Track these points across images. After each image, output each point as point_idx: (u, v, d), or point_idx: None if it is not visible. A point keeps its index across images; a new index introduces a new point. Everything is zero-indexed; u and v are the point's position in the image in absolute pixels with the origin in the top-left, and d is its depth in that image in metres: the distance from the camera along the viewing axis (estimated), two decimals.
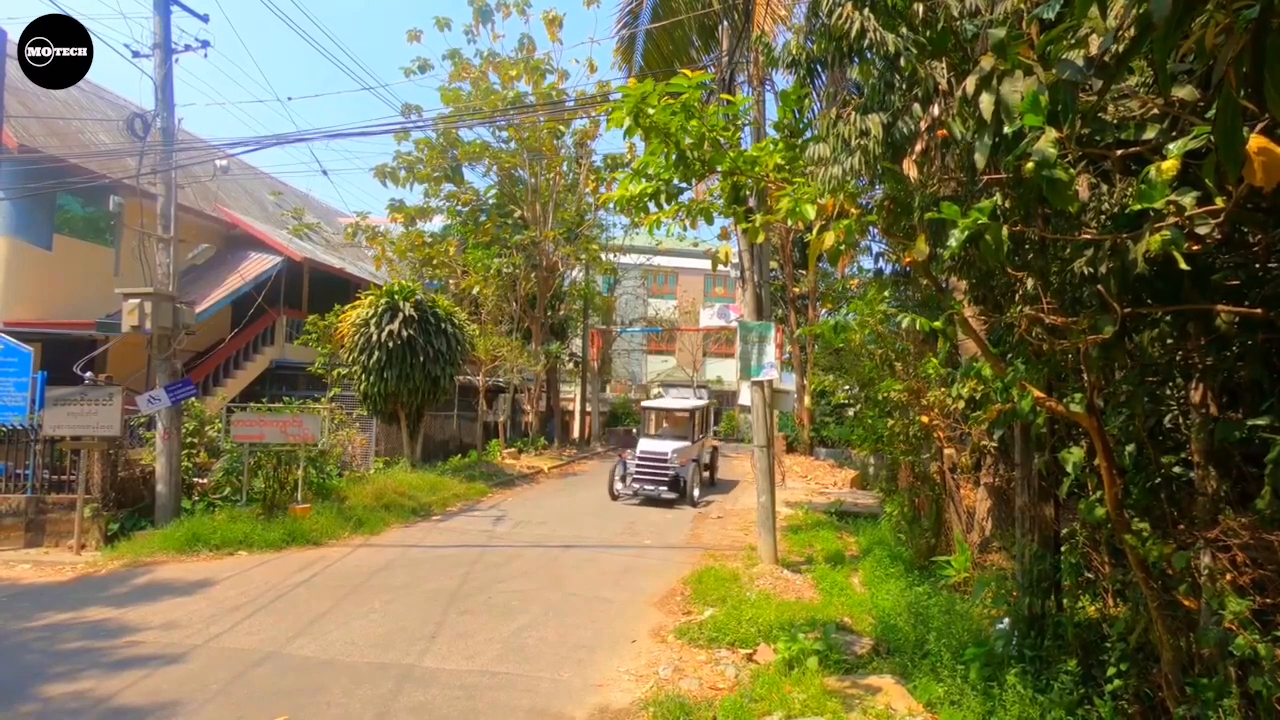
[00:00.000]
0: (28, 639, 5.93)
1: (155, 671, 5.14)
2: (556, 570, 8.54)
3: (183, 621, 6.33)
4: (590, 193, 24.00)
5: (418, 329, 14.48)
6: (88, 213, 15.21)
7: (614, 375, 34.45)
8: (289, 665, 5.38)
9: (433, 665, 5.38)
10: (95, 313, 14.35)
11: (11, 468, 10.16)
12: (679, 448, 13.84)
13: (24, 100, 13.59)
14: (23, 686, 4.88)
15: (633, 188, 4.58)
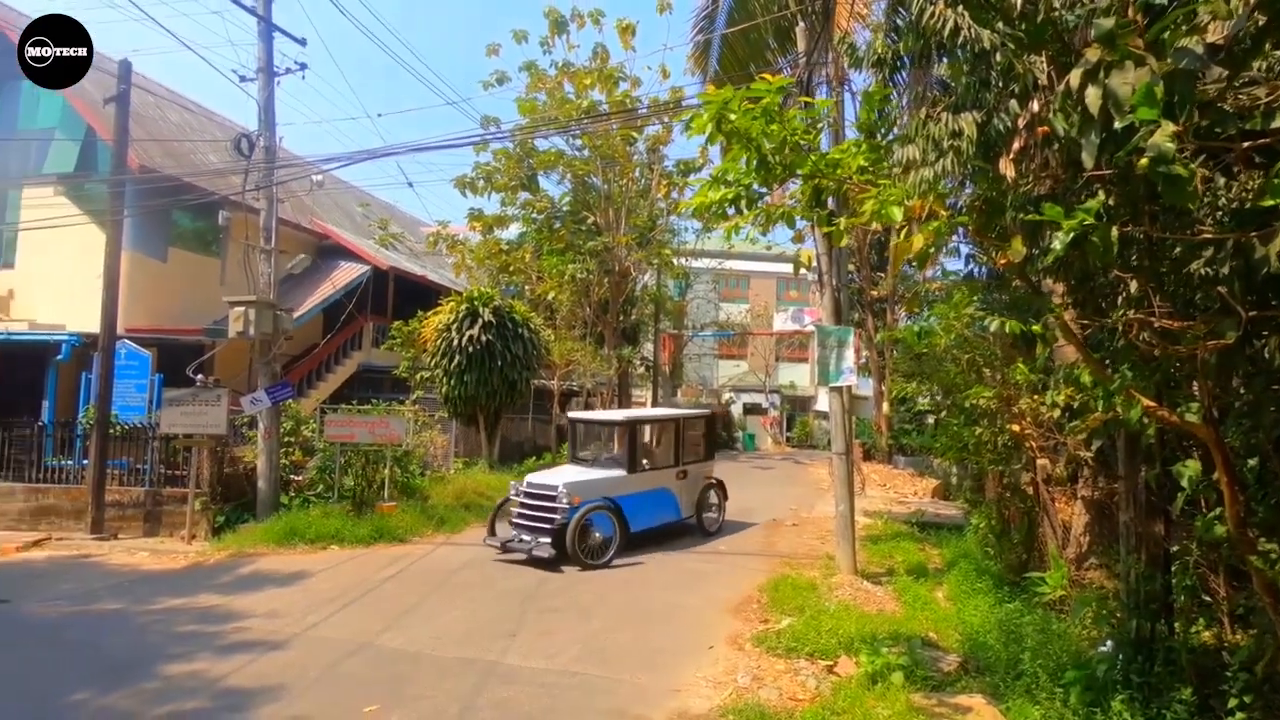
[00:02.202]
0: (149, 621, 6.44)
1: (260, 657, 5.48)
2: (630, 573, 8.59)
3: (283, 611, 6.72)
4: (662, 198, 24.09)
5: (496, 334, 14.89)
6: (197, 226, 16.38)
7: (685, 379, 34.42)
8: (379, 656, 5.63)
9: (514, 663, 5.51)
10: (203, 319, 15.42)
11: (132, 463, 11.06)
12: (592, 480, 9.33)
13: (144, 124, 14.77)
14: (146, 665, 5.30)
15: (712, 194, 4.57)
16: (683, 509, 10.43)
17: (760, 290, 36.48)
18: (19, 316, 14.20)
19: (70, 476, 10.92)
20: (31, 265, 14.69)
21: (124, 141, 11.24)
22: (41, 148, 15.08)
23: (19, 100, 15.53)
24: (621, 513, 9.26)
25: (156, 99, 16.59)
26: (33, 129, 15.30)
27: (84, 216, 13.77)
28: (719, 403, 34.56)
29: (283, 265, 12.79)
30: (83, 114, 14.46)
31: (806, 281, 33.79)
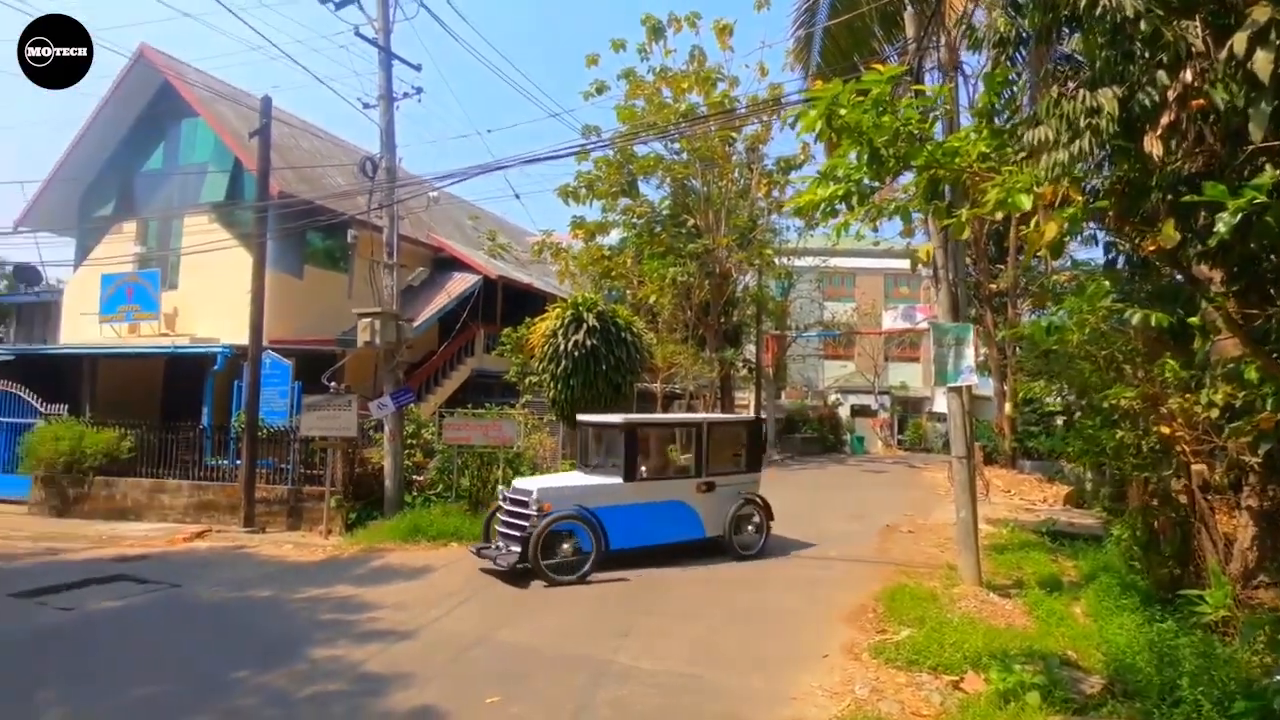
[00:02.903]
0: (295, 608, 7.02)
1: (391, 645, 5.84)
2: (739, 575, 8.52)
3: (409, 603, 7.14)
4: (762, 197, 23.77)
5: (600, 338, 15.15)
6: (327, 245, 17.75)
7: (789, 381, 33.72)
8: (498, 650, 5.86)
9: (626, 662, 5.58)
10: (334, 330, 16.67)
11: (276, 463, 12.12)
12: (572, 487, 8.78)
13: (282, 153, 16.17)
14: (295, 647, 5.78)
15: (820, 191, 4.46)
16: (706, 526, 9.22)
17: (867, 288, 35.21)
18: (182, 331, 15.89)
19: (226, 475, 12.11)
20: (192, 285, 16.42)
21: (266, 171, 12.35)
22: (198, 180, 16.82)
23: (180, 139, 17.42)
24: (599, 525, 8.34)
25: (291, 129, 18.11)
26: (191, 164, 17.11)
27: (233, 240, 15.24)
28: (825, 404, 33.65)
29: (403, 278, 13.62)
30: (231, 147, 16.01)
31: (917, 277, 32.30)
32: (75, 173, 17.67)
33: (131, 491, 12.19)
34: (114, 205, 17.72)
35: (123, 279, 16.59)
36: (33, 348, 18.24)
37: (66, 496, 12.36)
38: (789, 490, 17.70)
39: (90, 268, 17.47)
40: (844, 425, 32.78)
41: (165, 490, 12.11)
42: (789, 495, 16.64)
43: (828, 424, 31.67)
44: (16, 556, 9.42)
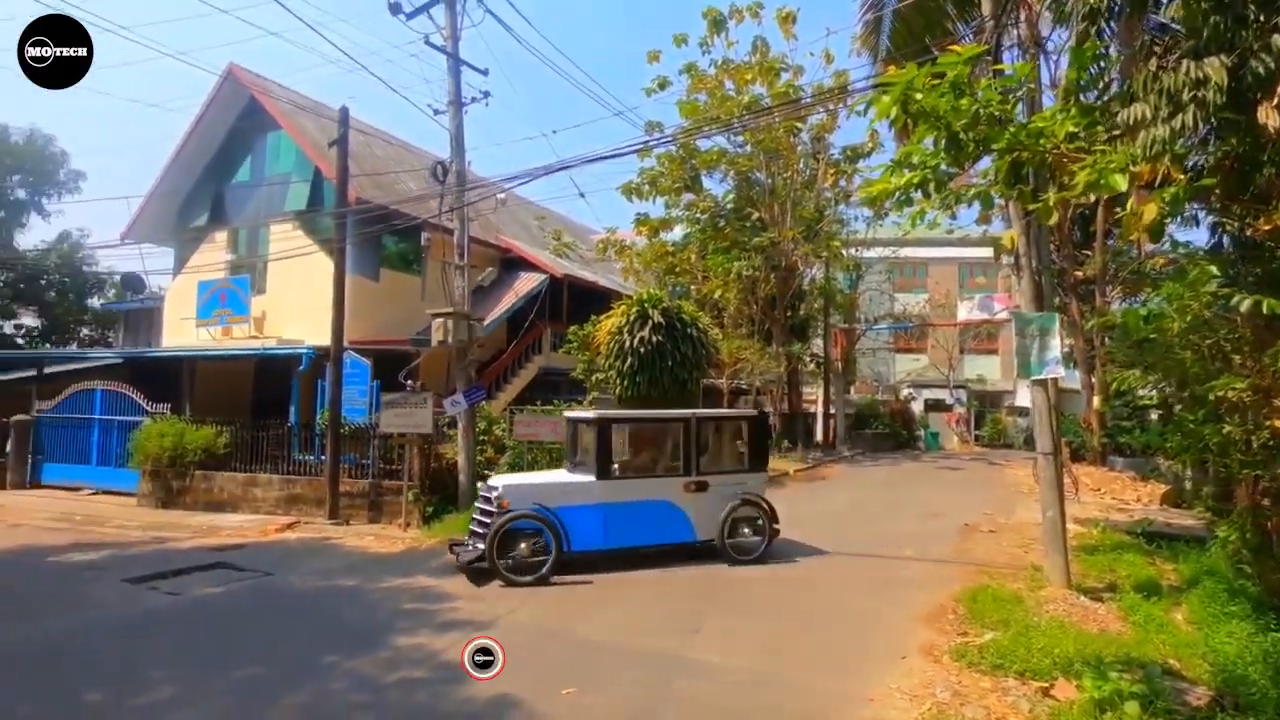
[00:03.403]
0: (378, 598, 7.33)
1: (469, 635, 6.00)
2: (810, 574, 8.38)
3: (486, 595, 7.33)
4: (829, 187, 23.27)
5: (665, 335, 15.14)
6: (400, 248, 18.38)
7: (859, 375, 32.91)
8: (571, 643, 5.96)
9: (697, 658, 5.58)
10: (408, 330, 17.26)
11: (358, 458, 12.66)
12: (536, 484, 8.49)
13: (358, 161, 16.85)
14: (379, 636, 6.03)
15: (895, 179, 4.32)
16: (698, 528, 8.67)
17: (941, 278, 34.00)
18: (270, 334, 16.79)
19: (312, 470, 12.74)
20: (278, 290, 17.32)
21: (344, 179, 12.89)
22: (282, 189, 17.72)
23: (265, 151, 18.39)
24: (558, 525, 7.95)
25: (366, 137, 18.83)
26: (275, 174, 18.04)
27: (314, 246, 15.99)
28: (896, 399, 32.69)
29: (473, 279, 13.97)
30: (311, 157, 16.79)
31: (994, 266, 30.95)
32: (173, 187, 18.90)
33: (227, 485, 12.98)
34: (207, 216, 18.87)
35: (216, 285, 17.66)
36: (138, 351, 19.65)
37: (170, 489, 13.26)
38: (859, 488, 17.31)
39: (187, 275, 18.67)
40: (917, 421, 31.76)
41: (257, 484, 12.83)
42: (859, 493, 16.30)
43: (900, 419, 30.75)
44: (130, 545, 10.18)
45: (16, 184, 28.03)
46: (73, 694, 4.81)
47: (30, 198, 28.32)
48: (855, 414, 29.75)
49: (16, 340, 28.06)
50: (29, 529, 11.37)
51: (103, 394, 15.25)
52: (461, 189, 12.03)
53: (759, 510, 8.93)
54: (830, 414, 28.10)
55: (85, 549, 9.79)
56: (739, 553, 8.68)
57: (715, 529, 8.63)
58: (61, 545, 10.02)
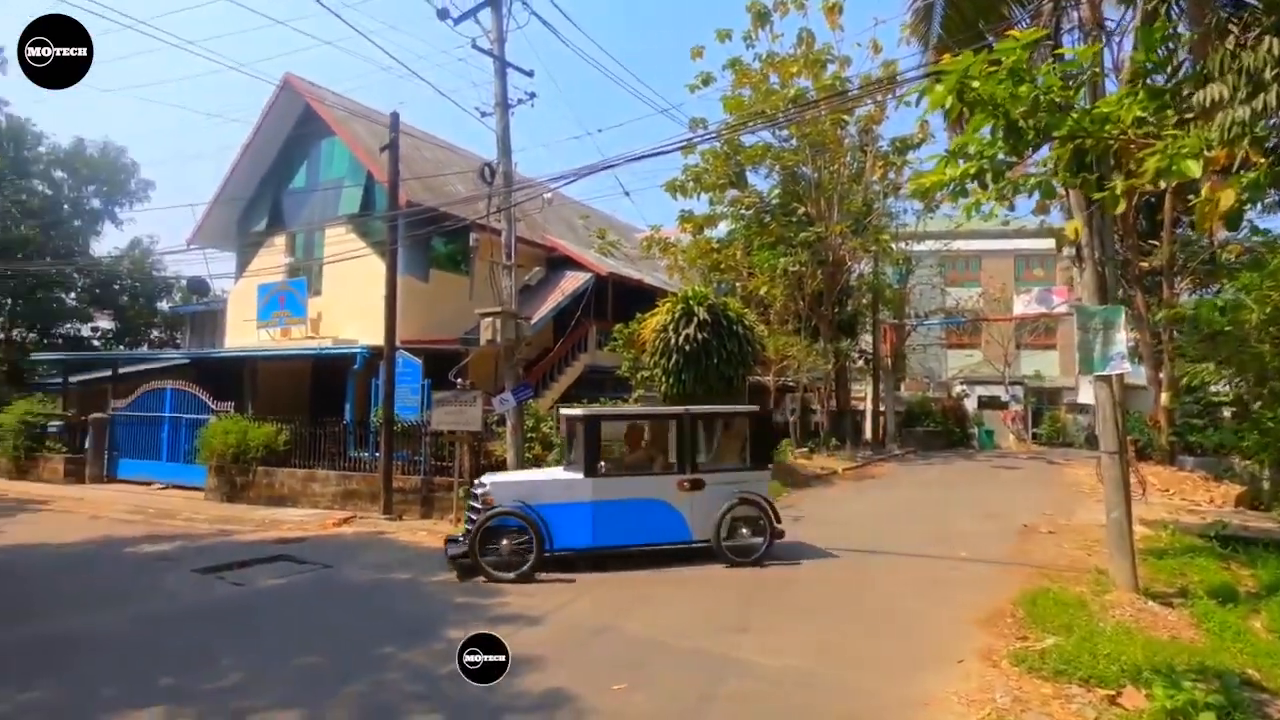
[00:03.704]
0: (431, 591, 7.50)
1: (520, 630, 6.11)
2: (860, 574, 8.25)
3: (534, 590, 7.43)
4: (877, 180, 22.81)
5: (711, 332, 15.11)
6: (449, 249, 18.73)
7: (909, 372, 32.19)
8: (620, 639, 5.99)
9: (746, 657, 5.55)
10: (456, 330, 17.58)
11: (410, 455, 12.97)
12: (523, 482, 8.71)
13: (408, 164, 17.23)
14: (433, 628, 6.17)
15: (949, 170, 4.21)
16: (694, 528, 8.45)
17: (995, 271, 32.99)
18: (326, 334, 17.32)
19: (366, 466, 13.11)
20: (333, 291, 17.86)
21: (396, 182, 13.20)
22: (336, 194, 18.25)
23: (320, 157, 18.98)
24: (540, 523, 7.92)
25: (415, 141, 19.24)
26: (329, 179, 18.59)
27: (367, 248, 16.43)
28: (949, 396, 31.87)
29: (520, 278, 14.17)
30: (363, 162, 17.24)
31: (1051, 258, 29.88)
32: (234, 194, 19.67)
33: (287, 480, 13.45)
34: (266, 221, 19.57)
35: (275, 288, 18.30)
36: (204, 352, 20.54)
37: (234, 484, 13.81)
38: (910, 487, 16.96)
39: (248, 279, 19.41)
40: (970, 418, 30.89)
41: (315, 480, 13.26)
42: (910, 492, 15.97)
43: (952, 417, 29.97)
44: (198, 537, 10.65)
45: (92, 194, 29.57)
46: (151, 677, 5.05)
47: (104, 207, 29.84)
48: (905, 411, 29.13)
49: (93, 342, 29.63)
50: (107, 521, 12.00)
51: (172, 393, 15.97)
52: (508, 189, 12.20)
53: (759, 510, 8.56)
54: (880, 411, 27.57)
55: (158, 540, 10.29)
56: (737, 554, 8.37)
57: (711, 529, 8.37)
58: (137, 536, 10.55)
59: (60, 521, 11.97)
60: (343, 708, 4.58)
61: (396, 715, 4.45)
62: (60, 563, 9.14)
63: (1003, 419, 31.15)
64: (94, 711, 4.47)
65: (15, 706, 4.57)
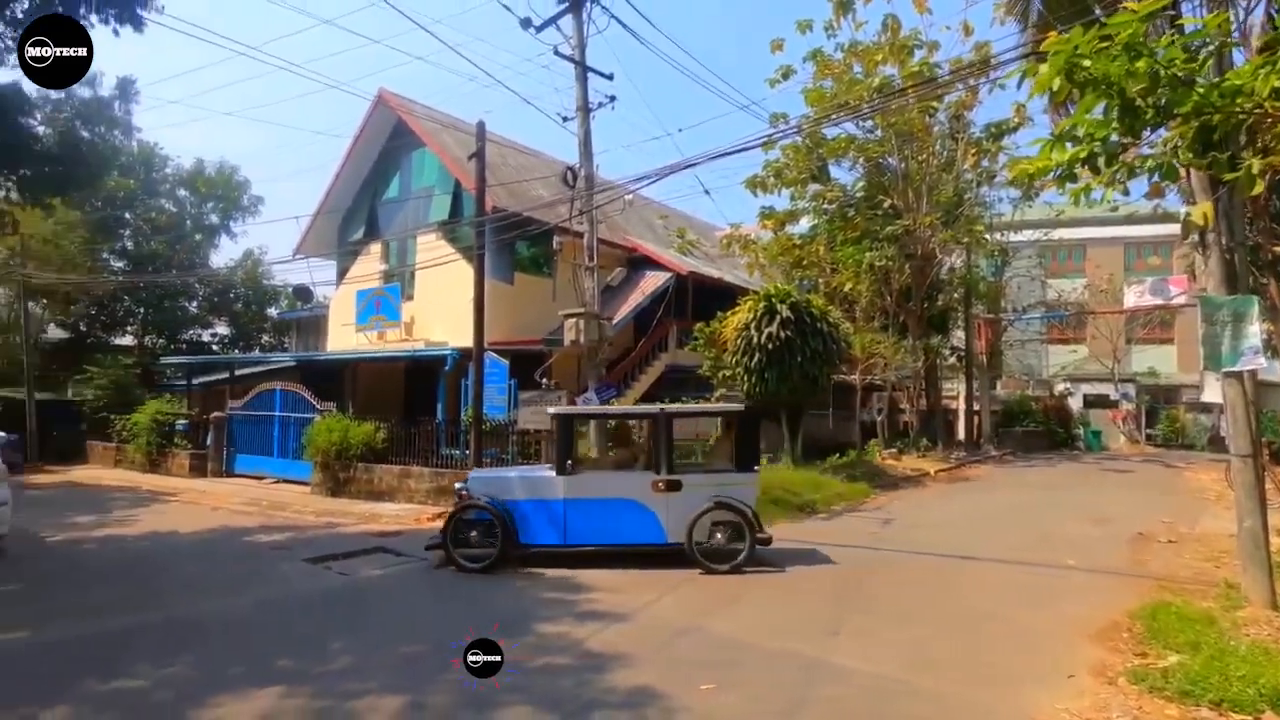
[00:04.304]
0: (522, 586, 7.70)
1: (608, 627, 6.19)
2: (955, 580, 7.91)
3: (621, 587, 7.50)
4: (969, 169, 21.77)
5: (794, 330, 14.86)
6: (532, 252, 19.22)
7: (1006, 369, 30.56)
8: (708, 639, 5.97)
9: (837, 662, 5.41)
10: (539, 331, 17.99)
11: (498, 452, 13.38)
12: (499, 479, 8.87)
13: (493, 171, 17.78)
14: (523, 622, 6.34)
15: (1056, 155, 3.97)
16: (669, 530, 8.21)
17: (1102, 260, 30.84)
18: (418, 337, 18.13)
19: (457, 463, 13.60)
20: (424, 296, 18.66)
21: (482, 189, 13.64)
22: (426, 203, 19.07)
23: (411, 168, 19.87)
24: (507, 518, 8.13)
25: (500, 148, 19.85)
26: (420, 188, 19.44)
27: (455, 254, 17.06)
28: (1050, 394, 30.04)
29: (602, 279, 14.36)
30: (451, 171, 17.93)
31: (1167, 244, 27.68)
32: (335, 205, 20.88)
33: (385, 476, 14.14)
34: (363, 230, 20.68)
35: (372, 293, 19.31)
36: (308, 354, 21.89)
37: (337, 479, 14.64)
38: (1009, 489, 16.11)
39: (347, 285, 20.55)
40: (1075, 418, 29.01)
41: (410, 476, 13.89)
42: (1009, 495, 15.17)
43: (1055, 416, 28.23)
44: (306, 528, 11.36)
45: (210, 210, 32.07)
46: (269, 659, 5.43)
47: (221, 222, 32.31)
48: (1002, 411, 27.68)
49: (212, 347, 32.13)
50: (226, 512, 12.99)
51: (281, 393, 17.10)
52: (590, 192, 12.39)
53: (737, 515, 8.15)
54: (974, 411, 26.31)
55: (270, 531, 11.04)
56: (711, 559, 8.02)
57: (684, 532, 8.09)
58: (252, 527, 11.36)
59: (186, 512, 13.05)
60: (443, 694, 4.77)
61: (492, 705, 4.59)
62: (188, 550, 9.96)
63: (1112, 419, 29.10)
64: (223, 687, 4.84)
65: (155, 681, 5.02)
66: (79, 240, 26.21)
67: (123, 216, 28.74)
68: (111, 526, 11.54)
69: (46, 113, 10.11)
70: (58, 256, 24.98)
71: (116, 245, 29.06)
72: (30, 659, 5.61)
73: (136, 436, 19.45)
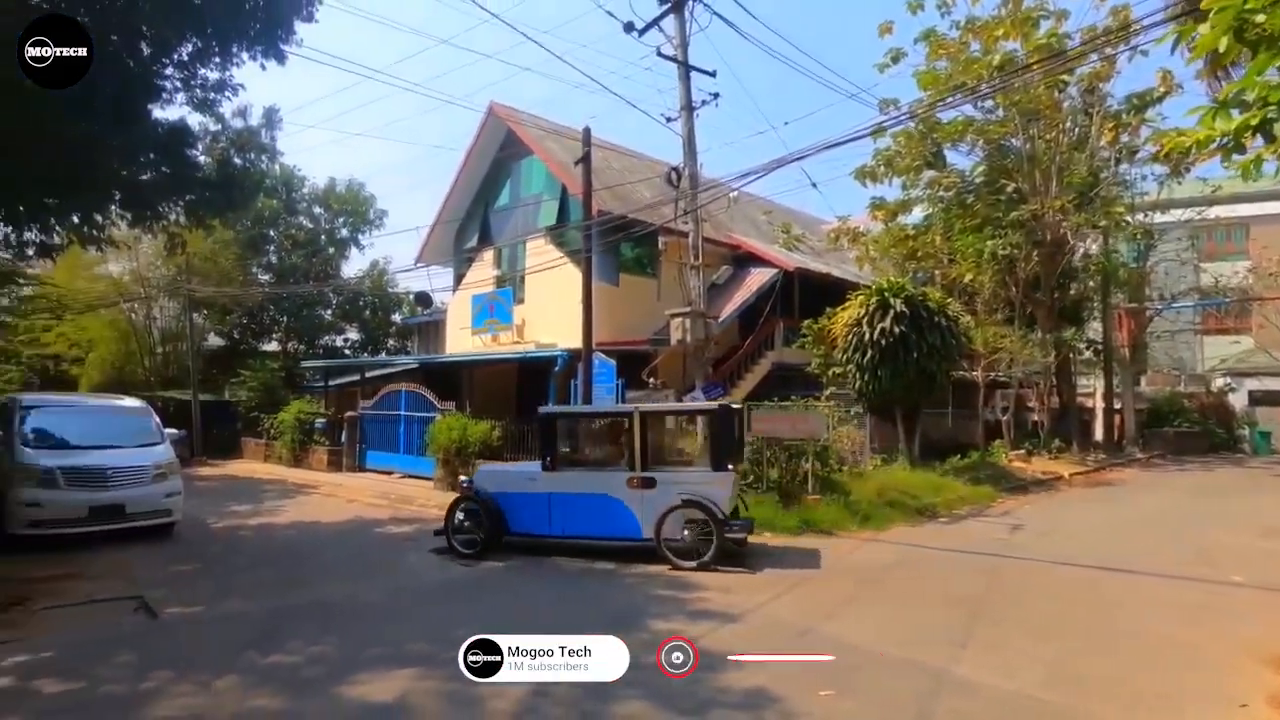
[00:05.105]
0: (634, 582, 7.81)
1: (721, 626, 6.16)
2: (1098, 594, 7.29)
3: (733, 587, 7.46)
4: (1107, 145, 19.97)
5: (909, 325, 14.21)
6: (636, 253, 19.44)
7: (1152, 363, 27.82)
8: (823, 643, 5.79)
9: (966, 675, 5.12)
10: (644, 331, 18.18)
11: None
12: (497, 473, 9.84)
13: (598, 175, 18.12)
14: (636, 618, 6.42)
15: (1220, 124, 3.57)
16: (644, 526, 8.44)
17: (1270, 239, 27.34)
18: (529, 339, 18.79)
19: None
20: (534, 299, 19.32)
21: (589, 193, 13.95)
22: (534, 209, 19.72)
23: (520, 176, 20.62)
24: (495, 510, 8.86)
25: (604, 152, 20.21)
26: (529, 195, 20.13)
27: (563, 258, 17.54)
28: (1207, 391, 27.06)
29: (707, 277, 14.33)
30: (558, 176, 18.44)
31: None
32: (451, 215, 22.01)
33: None
34: (477, 238, 21.68)
35: (486, 298, 20.21)
36: (429, 357, 23.19)
37: (457, 474, 15.33)
38: (1158, 495, 14.70)
39: (463, 291, 21.61)
40: (1238, 417, 25.94)
41: None
42: (1159, 502, 13.84)
43: (1213, 415, 25.40)
44: (431, 521, 11.96)
45: (341, 225, 34.69)
46: (403, 643, 5.80)
47: (351, 235, 34.87)
48: (1149, 409, 25.21)
49: (344, 351, 34.73)
50: (359, 504, 14.00)
51: (406, 394, 18.23)
52: (694, 191, 12.38)
53: (704, 513, 8.16)
54: (1114, 409, 24.12)
55: (400, 523, 11.80)
56: (677, 554, 8.18)
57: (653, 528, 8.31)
58: (383, 519, 12.18)
59: (325, 504, 14.18)
60: (564, 684, 4.92)
61: (612, 697, 4.68)
62: (328, 539, 10.82)
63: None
64: (363, 666, 5.22)
65: (306, 658, 5.49)
66: (233, 257, 29.09)
67: (268, 233, 31.61)
68: (263, 515, 12.74)
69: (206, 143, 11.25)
70: (215, 272, 27.84)
71: (263, 260, 32.02)
72: (206, 631, 6.30)
73: (282, 434, 21.37)
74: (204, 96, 9.90)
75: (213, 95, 9.94)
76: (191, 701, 4.67)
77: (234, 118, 11.33)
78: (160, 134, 9.16)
